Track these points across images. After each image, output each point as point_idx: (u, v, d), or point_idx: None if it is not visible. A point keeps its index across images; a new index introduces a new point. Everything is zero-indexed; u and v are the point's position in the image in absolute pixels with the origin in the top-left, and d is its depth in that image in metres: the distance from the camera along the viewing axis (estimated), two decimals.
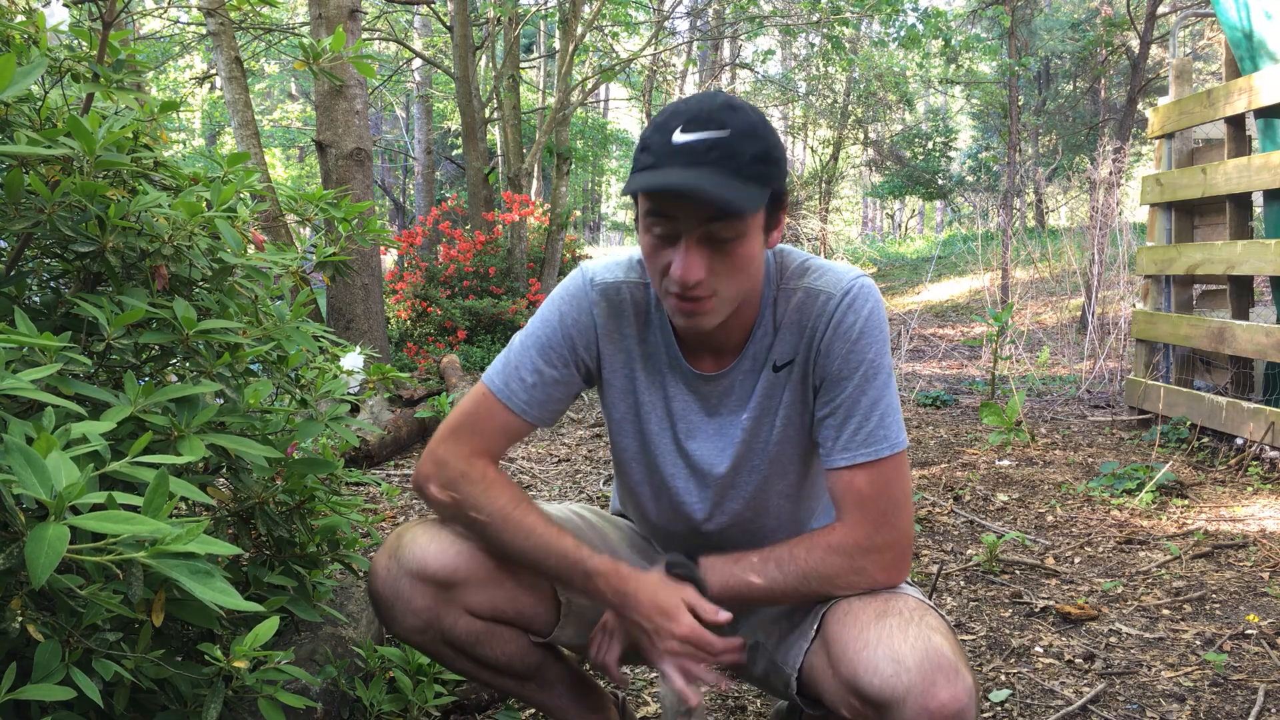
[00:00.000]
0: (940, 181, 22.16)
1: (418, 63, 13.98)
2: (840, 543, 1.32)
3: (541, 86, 15.47)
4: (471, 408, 1.44)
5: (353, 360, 1.77)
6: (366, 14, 11.06)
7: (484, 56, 11.55)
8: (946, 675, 1.16)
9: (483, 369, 6.99)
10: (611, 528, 1.67)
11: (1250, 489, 3.54)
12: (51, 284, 1.48)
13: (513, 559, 1.40)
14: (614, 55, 13.40)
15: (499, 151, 10.59)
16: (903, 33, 10.80)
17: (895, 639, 1.20)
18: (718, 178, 1.19)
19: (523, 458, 4.47)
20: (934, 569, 2.82)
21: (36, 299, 1.45)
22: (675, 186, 1.18)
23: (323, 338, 1.61)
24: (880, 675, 1.18)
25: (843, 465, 1.32)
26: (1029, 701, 2.04)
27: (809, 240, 19.95)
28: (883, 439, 1.31)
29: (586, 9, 9.18)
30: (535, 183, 12.04)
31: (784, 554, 1.34)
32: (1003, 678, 2.15)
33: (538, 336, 1.44)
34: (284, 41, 11.06)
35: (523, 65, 13.56)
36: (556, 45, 10.25)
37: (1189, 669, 2.17)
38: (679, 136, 1.19)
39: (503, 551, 1.40)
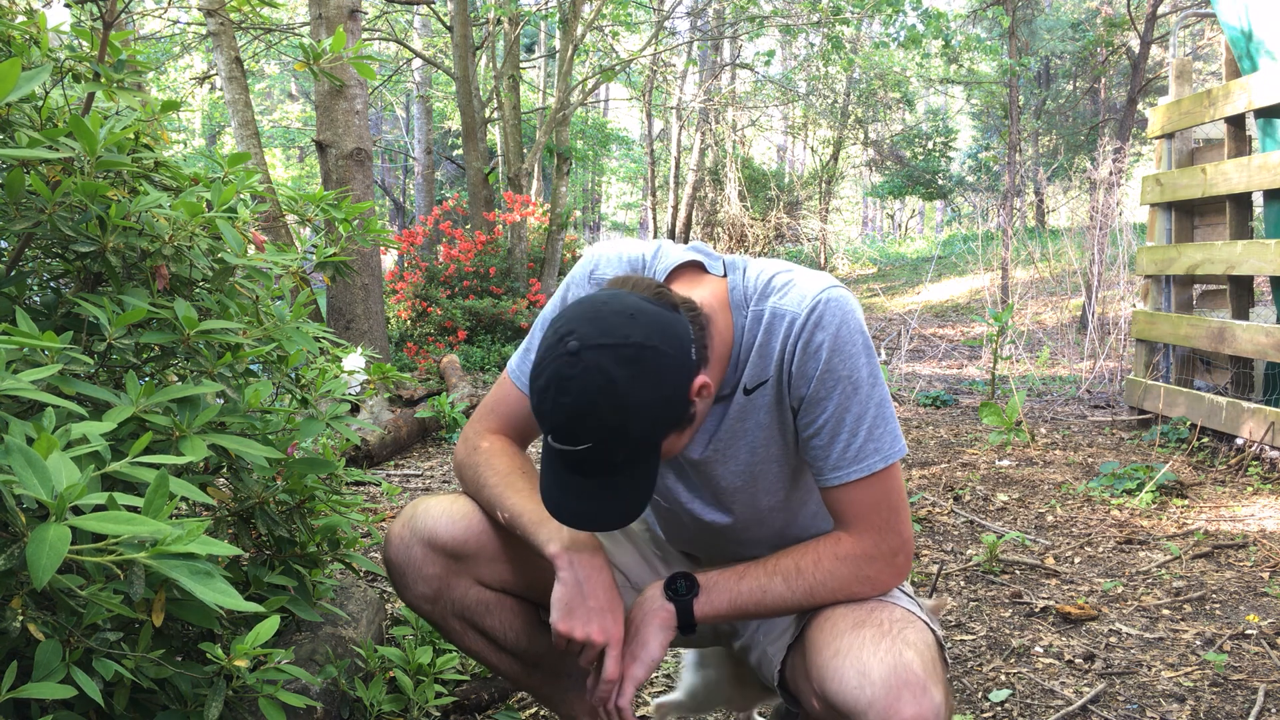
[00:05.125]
0: (940, 181, 22.16)
1: (418, 63, 13.98)
2: (849, 552, 1.31)
3: (541, 86, 15.47)
4: (495, 391, 1.52)
5: (354, 361, 1.78)
6: (366, 14, 11.06)
7: (484, 56, 11.55)
8: (913, 692, 1.15)
9: (483, 369, 7.00)
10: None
11: (1250, 489, 3.54)
12: (52, 284, 1.48)
13: (503, 525, 1.43)
14: (614, 55, 13.40)
15: (499, 151, 10.60)
16: (903, 33, 10.80)
17: (865, 651, 1.19)
18: (598, 491, 1.21)
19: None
20: (934, 569, 2.83)
21: (37, 299, 1.46)
22: (568, 523, 1.24)
23: (323, 338, 1.61)
24: (845, 686, 1.18)
25: (837, 484, 1.31)
26: (1029, 701, 2.04)
27: (809, 240, 19.96)
28: (874, 452, 1.29)
29: (586, 9, 9.18)
30: (535, 183, 12.05)
31: (790, 567, 1.32)
32: (1003, 678, 2.15)
33: (546, 319, 1.46)
34: (284, 42, 11.06)
35: (523, 65, 13.56)
36: (557, 45, 10.25)
37: (1189, 669, 2.17)
38: (553, 443, 1.19)
39: (497, 518, 1.43)
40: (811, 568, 1.31)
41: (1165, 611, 2.50)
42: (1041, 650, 2.29)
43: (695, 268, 1.38)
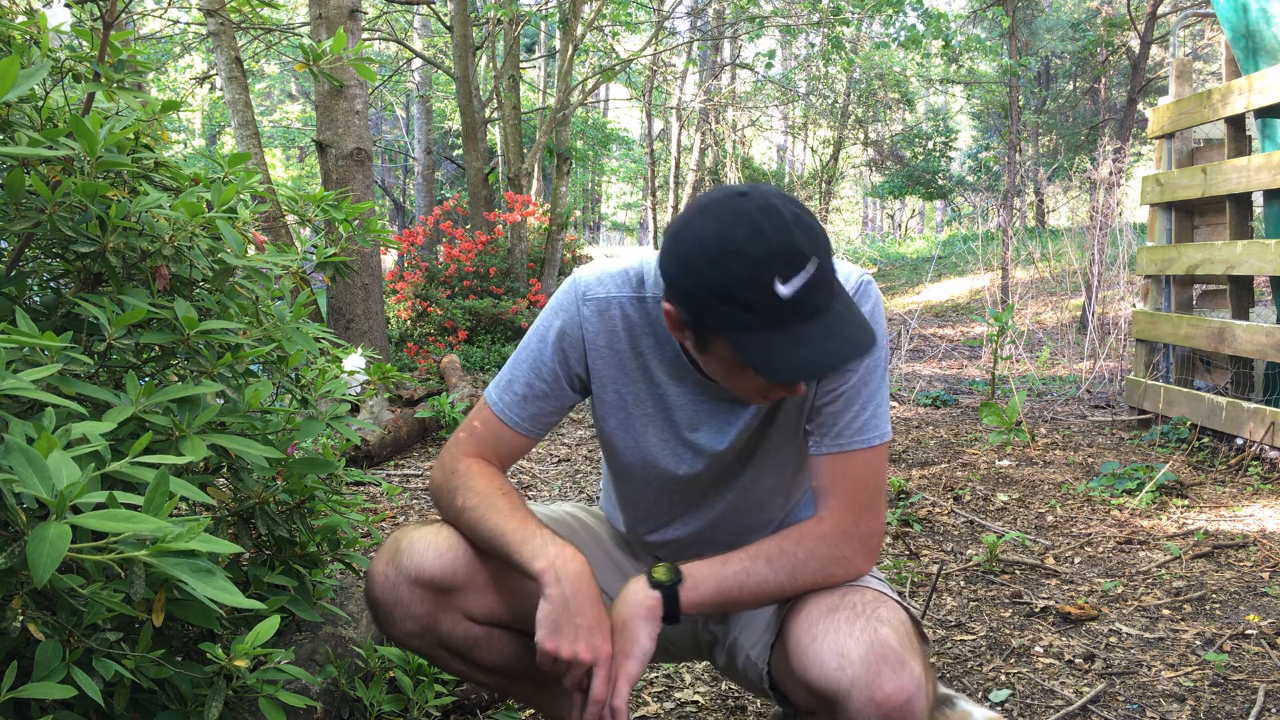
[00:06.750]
0: (940, 181, 22.17)
1: (418, 63, 13.98)
2: (829, 531, 1.33)
3: (541, 86, 15.48)
4: (474, 417, 1.48)
5: (354, 361, 1.78)
6: (366, 14, 11.06)
7: (484, 56, 11.55)
8: (892, 667, 1.17)
9: (483, 369, 7.01)
10: (605, 527, 1.67)
11: (1250, 489, 3.54)
12: (52, 284, 1.48)
13: (483, 548, 1.40)
14: (614, 55, 13.40)
15: (499, 151, 10.60)
16: (903, 33, 10.80)
17: (841, 633, 1.21)
18: (842, 317, 1.18)
19: (523, 458, 4.47)
20: (934, 569, 2.83)
21: (37, 299, 1.46)
22: (838, 365, 1.17)
23: (323, 338, 1.61)
24: (826, 669, 1.20)
25: (834, 451, 1.34)
26: (1029, 701, 2.04)
27: None
28: (874, 427, 1.34)
29: (586, 9, 9.19)
30: (535, 183, 12.05)
31: (772, 549, 1.33)
32: (1003, 678, 2.15)
33: (531, 350, 1.45)
34: (284, 42, 11.06)
35: (523, 65, 13.56)
36: (557, 45, 10.25)
37: (1189, 669, 2.17)
38: (783, 288, 1.13)
39: (477, 540, 1.39)
40: (793, 547, 1.32)
41: (1165, 611, 2.50)
42: (1041, 650, 2.29)
43: None
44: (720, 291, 1.14)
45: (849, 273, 1.37)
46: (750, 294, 1.13)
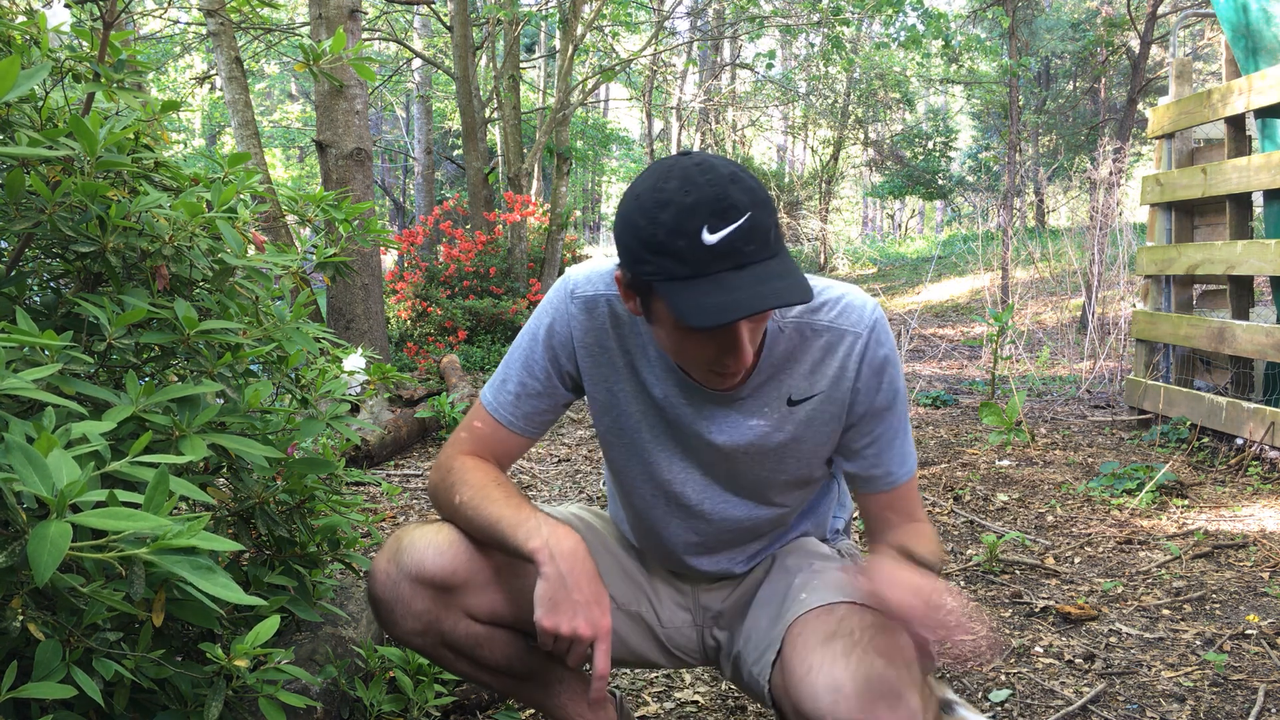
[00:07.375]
0: (940, 181, 22.16)
1: (418, 63, 13.98)
2: (932, 532, 1.46)
3: (541, 86, 15.48)
4: (471, 417, 1.49)
5: (354, 361, 1.78)
6: (366, 14, 11.06)
7: (484, 56, 11.55)
8: (888, 703, 1.14)
9: (483, 369, 7.01)
10: (612, 529, 1.67)
11: (1250, 489, 3.54)
12: (52, 284, 1.48)
13: (481, 539, 1.40)
14: (614, 55, 13.40)
15: (499, 151, 10.60)
16: (903, 33, 10.81)
17: (837, 665, 1.18)
18: (776, 271, 1.14)
19: (523, 457, 4.47)
20: None
21: (37, 299, 1.46)
22: (764, 306, 1.11)
23: (323, 338, 1.61)
24: (820, 703, 1.17)
25: (888, 489, 1.42)
26: (1029, 701, 2.04)
27: (809, 240, 19.96)
28: (911, 455, 1.43)
29: (586, 9, 9.18)
30: (535, 183, 12.05)
31: (927, 551, 1.38)
32: (1003, 678, 2.15)
33: (523, 350, 1.45)
34: (284, 42, 11.06)
35: (523, 65, 13.56)
36: (557, 45, 10.25)
37: (1189, 669, 2.17)
38: (710, 237, 1.11)
39: (474, 532, 1.40)
40: (934, 548, 1.41)
41: (1165, 611, 2.50)
42: (1041, 650, 2.29)
43: None
44: (650, 241, 1.14)
45: (863, 305, 1.35)
46: (679, 242, 1.12)
